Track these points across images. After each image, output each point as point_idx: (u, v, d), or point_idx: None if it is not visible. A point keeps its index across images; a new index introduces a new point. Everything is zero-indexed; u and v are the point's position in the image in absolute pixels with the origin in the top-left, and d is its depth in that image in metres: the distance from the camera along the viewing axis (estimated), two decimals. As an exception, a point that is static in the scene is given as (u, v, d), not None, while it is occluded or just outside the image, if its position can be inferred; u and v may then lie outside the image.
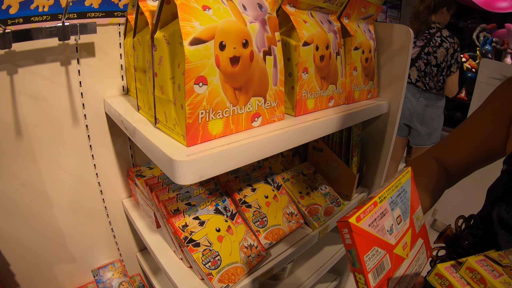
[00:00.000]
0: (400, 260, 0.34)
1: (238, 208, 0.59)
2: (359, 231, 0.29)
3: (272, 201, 0.62)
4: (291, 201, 0.65)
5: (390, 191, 0.35)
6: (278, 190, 0.64)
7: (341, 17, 0.60)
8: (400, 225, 0.35)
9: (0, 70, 0.53)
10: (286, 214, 0.63)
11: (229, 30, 0.37)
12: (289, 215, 0.63)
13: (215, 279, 0.49)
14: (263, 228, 0.59)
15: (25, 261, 0.66)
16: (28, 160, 0.60)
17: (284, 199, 0.64)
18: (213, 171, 0.36)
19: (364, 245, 0.30)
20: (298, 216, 0.64)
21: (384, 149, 0.75)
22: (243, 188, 0.60)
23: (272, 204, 0.62)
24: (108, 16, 0.61)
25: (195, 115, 0.36)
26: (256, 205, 0.60)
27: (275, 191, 0.64)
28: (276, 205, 0.62)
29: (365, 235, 0.30)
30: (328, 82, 0.55)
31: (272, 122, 0.46)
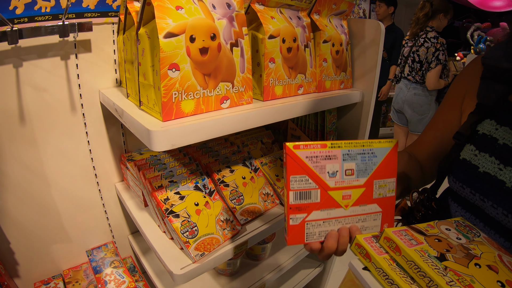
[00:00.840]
0: (333, 203, 0.40)
1: (217, 187, 0.68)
2: (293, 156, 0.36)
3: (249, 182, 0.71)
4: (267, 183, 0.74)
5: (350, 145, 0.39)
6: (255, 172, 0.74)
7: (311, 13, 0.69)
8: (348, 177, 0.40)
9: (6, 64, 0.64)
10: (262, 194, 0.72)
11: (198, 25, 0.47)
12: (265, 195, 0.72)
13: (191, 247, 0.58)
14: (240, 205, 0.68)
15: (24, 240, 0.75)
16: (30, 144, 0.70)
17: (260, 180, 0.73)
18: (183, 140, 0.45)
19: (294, 168, 0.37)
20: (274, 196, 0.73)
21: (360, 137, 0.84)
22: (222, 169, 0.70)
23: (249, 185, 0.71)
24: (103, 16, 0.72)
25: (169, 95, 0.46)
26: (234, 185, 0.69)
27: (252, 173, 0.73)
28: (252, 185, 0.71)
29: (298, 161, 0.37)
30: (297, 71, 0.64)
31: (240, 105, 0.55)
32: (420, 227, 0.39)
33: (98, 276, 0.79)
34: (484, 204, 0.42)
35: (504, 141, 0.41)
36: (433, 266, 0.32)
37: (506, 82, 0.43)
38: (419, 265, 0.32)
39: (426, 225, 0.40)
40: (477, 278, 0.32)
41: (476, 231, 0.41)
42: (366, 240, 0.38)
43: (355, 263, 0.37)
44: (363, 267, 0.36)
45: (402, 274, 0.33)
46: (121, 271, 0.81)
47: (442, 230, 0.39)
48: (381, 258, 0.35)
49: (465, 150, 0.45)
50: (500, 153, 0.41)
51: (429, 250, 0.35)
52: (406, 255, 0.34)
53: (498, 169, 0.40)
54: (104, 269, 0.81)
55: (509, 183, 0.39)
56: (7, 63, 0.64)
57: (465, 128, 0.46)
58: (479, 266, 0.34)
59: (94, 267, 0.82)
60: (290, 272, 1.00)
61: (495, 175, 0.40)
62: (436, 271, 0.32)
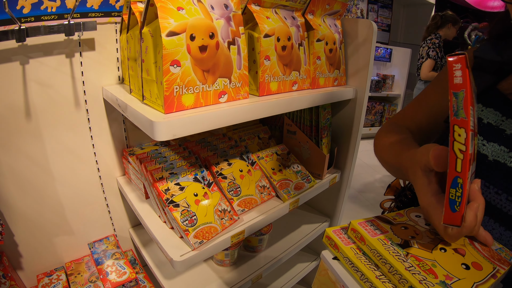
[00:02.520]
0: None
1: (215, 179, 0.73)
2: (470, 74, 0.25)
3: (246, 175, 0.76)
4: (264, 176, 0.79)
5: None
6: (252, 165, 0.78)
7: (305, 13, 0.74)
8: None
9: (14, 61, 0.68)
10: (259, 187, 0.76)
11: (198, 25, 0.52)
12: (261, 188, 0.77)
13: (191, 235, 0.63)
14: (237, 196, 0.72)
15: (28, 233, 0.79)
16: (35, 138, 0.74)
17: (257, 173, 0.78)
18: (184, 131, 0.50)
19: (471, 95, 0.25)
20: (270, 189, 0.78)
21: (354, 132, 0.89)
22: (220, 162, 0.74)
23: (246, 177, 0.75)
24: (106, 16, 0.77)
25: (171, 89, 0.50)
26: (231, 177, 0.73)
27: (249, 166, 0.78)
28: (249, 178, 0.76)
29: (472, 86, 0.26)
30: (291, 68, 0.69)
31: (237, 99, 0.60)
32: (388, 216, 0.42)
33: (99, 268, 0.84)
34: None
35: (488, 120, 0.45)
36: (394, 253, 0.35)
37: (494, 73, 0.47)
38: (380, 253, 0.35)
39: (395, 214, 0.43)
40: (439, 262, 0.34)
41: None
42: (335, 232, 0.41)
43: (326, 253, 0.41)
44: (333, 257, 0.40)
45: (367, 262, 0.36)
46: (122, 263, 0.86)
47: (412, 218, 0.43)
48: (348, 248, 0.38)
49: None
50: (484, 130, 0.45)
51: (392, 238, 0.37)
52: (370, 244, 0.36)
53: (481, 144, 0.44)
54: (105, 261, 0.86)
55: (491, 157, 0.43)
56: (14, 60, 0.69)
57: None
58: (444, 250, 0.36)
59: (96, 259, 0.87)
60: (287, 265, 1.04)
61: (478, 150, 0.44)
62: (397, 257, 0.34)
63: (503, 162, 0.41)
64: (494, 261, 0.36)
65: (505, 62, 0.46)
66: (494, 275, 0.34)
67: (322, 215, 1.06)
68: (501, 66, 0.47)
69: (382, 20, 3.15)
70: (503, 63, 0.46)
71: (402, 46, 3.40)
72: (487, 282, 0.33)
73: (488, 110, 0.46)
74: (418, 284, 0.31)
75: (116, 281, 0.79)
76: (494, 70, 0.47)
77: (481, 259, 0.36)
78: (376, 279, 0.34)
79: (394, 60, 3.39)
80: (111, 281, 0.78)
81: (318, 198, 1.07)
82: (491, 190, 0.42)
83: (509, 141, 0.42)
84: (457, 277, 0.33)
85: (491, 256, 0.37)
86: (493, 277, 0.34)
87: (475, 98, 0.32)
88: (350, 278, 0.37)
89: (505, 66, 0.46)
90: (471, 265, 0.35)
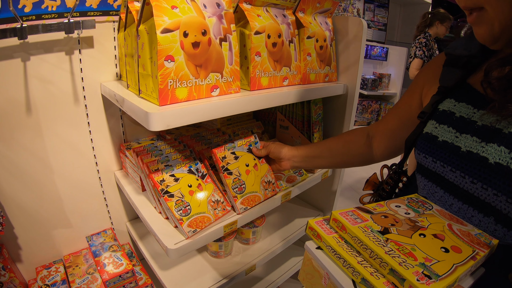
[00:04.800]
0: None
1: (209, 171, 0.76)
2: None
3: (252, 170, 0.77)
4: (270, 170, 0.79)
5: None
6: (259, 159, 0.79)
7: (296, 12, 0.78)
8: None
9: (15, 57, 0.72)
10: (264, 182, 0.78)
11: (191, 22, 0.56)
12: (266, 183, 0.78)
13: (185, 224, 0.66)
14: (241, 194, 0.73)
15: (27, 225, 0.83)
16: (35, 133, 0.78)
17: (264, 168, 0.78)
18: (177, 122, 0.54)
19: None
20: (275, 184, 0.80)
21: (345, 127, 0.92)
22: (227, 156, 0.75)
23: (252, 172, 0.76)
24: (105, 15, 0.81)
25: (165, 83, 0.54)
26: (237, 173, 0.75)
27: (256, 160, 0.78)
28: (255, 173, 0.77)
29: None
30: (282, 64, 0.73)
31: (229, 93, 0.64)
32: (369, 207, 0.44)
33: (97, 260, 0.87)
34: (444, 170, 0.48)
35: (460, 114, 0.48)
36: (374, 239, 0.36)
37: (464, 67, 0.50)
38: (361, 239, 0.36)
39: (376, 205, 0.45)
40: (419, 246, 0.36)
41: (428, 205, 0.47)
42: (318, 223, 0.42)
43: (310, 244, 0.42)
44: (317, 247, 0.41)
45: (349, 249, 0.38)
46: (119, 255, 0.89)
47: (391, 208, 0.45)
48: (330, 237, 0.40)
49: (427, 125, 0.53)
50: (457, 123, 0.47)
51: (372, 226, 0.39)
52: (351, 232, 0.38)
53: (454, 136, 0.47)
54: (103, 253, 0.89)
55: (464, 148, 0.45)
56: (16, 57, 0.73)
57: (428, 107, 0.54)
58: (424, 235, 0.38)
59: (94, 251, 0.90)
60: (281, 259, 1.08)
61: (452, 142, 0.47)
62: (377, 243, 0.36)
63: (475, 152, 0.43)
64: (474, 244, 0.38)
65: (472, 56, 0.49)
66: (474, 257, 0.35)
67: (316, 209, 1.10)
68: (469, 60, 0.50)
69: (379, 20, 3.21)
70: (471, 57, 0.49)
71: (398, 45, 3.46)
72: (466, 263, 0.34)
73: (460, 105, 0.48)
74: (398, 266, 0.32)
75: (113, 272, 0.82)
76: (462, 64, 0.50)
77: (460, 243, 0.37)
78: (358, 264, 0.36)
79: (390, 59, 3.45)
80: (108, 272, 0.82)
81: (311, 193, 1.11)
82: (467, 179, 0.44)
83: (481, 132, 0.44)
84: (437, 259, 0.34)
85: (471, 241, 0.38)
86: (472, 259, 0.35)
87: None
88: (333, 266, 0.38)
89: (473, 60, 0.49)
90: (451, 248, 0.36)
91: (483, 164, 0.42)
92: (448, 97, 0.51)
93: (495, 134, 0.42)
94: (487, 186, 0.41)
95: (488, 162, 0.41)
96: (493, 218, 0.42)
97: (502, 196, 0.40)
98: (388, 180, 0.61)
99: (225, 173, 0.72)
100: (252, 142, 0.78)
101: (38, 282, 0.84)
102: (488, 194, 0.42)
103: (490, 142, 0.42)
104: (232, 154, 0.75)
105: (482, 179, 0.42)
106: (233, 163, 0.74)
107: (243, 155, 0.77)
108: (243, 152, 0.77)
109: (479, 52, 0.49)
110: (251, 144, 0.78)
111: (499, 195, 0.40)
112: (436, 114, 0.52)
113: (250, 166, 0.77)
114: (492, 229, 0.43)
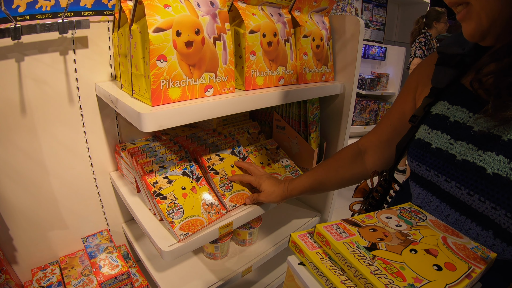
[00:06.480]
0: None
1: (207, 174, 0.75)
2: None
3: (237, 170, 0.78)
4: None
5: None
6: (244, 160, 0.81)
7: (292, 10, 0.77)
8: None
9: (10, 58, 0.71)
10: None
11: (184, 21, 0.55)
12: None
13: (176, 227, 0.65)
14: (229, 192, 0.74)
15: (22, 226, 0.82)
16: (30, 134, 0.78)
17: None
18: (170, 122, 0.53)
19: None
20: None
21: (342, 127, 0.92)
22: (212, 158, 0.77)
23: (237, 173, 0.78)
24: (99, 15, 0.80)
25: (158, 83, 0.54)
26: (223, 173, 0.76)
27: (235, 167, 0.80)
28: (240, 173, 0.78)
29: None
30: (277, 64, 0.72)
31: (223, 93, 0.63)
32: (357, 218, 0.42)
33: (92, 261, 0.87)
34: (439, 180, 0.44)
35: (455, 119, 0.44)
36: (360, 256, 0.34)
37: (457, 66, 0.47)
38: (345, 257, 0.34)
39: (365, 216, 0.43)
40: (409, 264, 0.33)
41: (422, 215, 0.44)
42: (301, 237, 0.40)
43: (292, 259, 0.39)
44: (299, 262, 0.38)
45: (333, 266, 0.35)
46: (114, 256, 0.88)
47: (381, 219, 0.42)
48: (313, 252, 0.37)
49: (419, 130, 0.50)
50: (451, 129, 0.44)
51: (359, 241, 0.36)
52: (334, 248, 0.35)
53: (449, 143, 0.43)
54: (98, 255, 0.89)
55: (459, 157, 0.41)
56: (10, 57, 0.72)
57: (419, 110, 0.50)
58: (415, 251, 0.35)
59: (89, 253, 0.89)
60: (278, 260, 1.07)
61: (446, 150, 0.43)
62: (362, 261, 0.33)
63: (472, 161, 0.40)
64: (470, 260, 0.35)
65: (466, 54, 0.46)
66: (469, 275, 0.33)
67: (313, 210, 1.09)
68: (463, 59, 0.46)
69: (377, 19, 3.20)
70: (464, 55, 0.46)
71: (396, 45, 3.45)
72: (460, 283, 0.31)
73: (454, 108, 0.45)
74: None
75: (108, 274, 0.81)
76: (455, 63, 0.47)
77: (455, 259, 0.34)
78: (342, 284, 0.33)
79: (388, 59, 3.44)
80: (103, 274, 0.81)
81: (309, 194, 1.10)
82: (463, 191, 0.41)
83: (478, 139, 0.40)
84: (428, 279, 0.31)
85: (466, 256, 0.35)
86: (467, 277, 0.32)
87: None
88: (316, 284, 0.36)
89: (466, 58, 0.46)
90: (444, 265, 0.33)
91: (480, 175, 0.39)
92: (441, 99, 0.48)
93: (493, 141, 0.39)
94: (485, 199, 0.38)
95: (486, 173, 0.38)
96: (492, 232, 0.39)
97: (501, 210, 0.36)
98: (378, 188, 0.58)
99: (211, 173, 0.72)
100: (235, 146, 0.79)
101: (34, 283, 0.84)
102: (486, 207, 0.38)
103: (488, 150, 0.39)
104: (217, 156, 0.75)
105: (479, 190, 0.39)
106: (218, 164, 0.75)
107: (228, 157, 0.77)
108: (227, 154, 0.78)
109: (472, 50, 0.46)
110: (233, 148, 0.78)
111: (498, 209, 0.37)
112: (428, 118, 0.49)
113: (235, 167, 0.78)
114: (490, 244, 0.40)
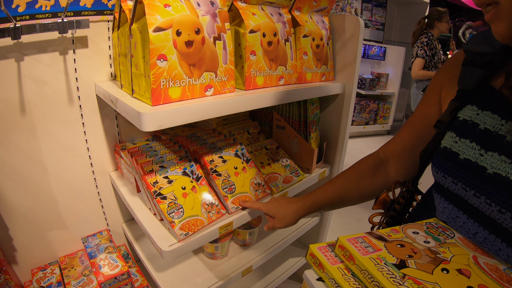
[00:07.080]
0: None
1: (210, 176, 0.75)
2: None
3: (241, 172, 0.77)
4: (258, 173, 0.80)
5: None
6: (247, 163, 0.80)
7: (292, 10, 0.77)
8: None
9: (9, 58, 0.71)
10: (254, 184, 0.78)
11: (184, 21, 0.55)
12: (256, 185, 0.78)
13: (176, 226, 0.65)
14: (231, 194, 0.74)
15: (22, 227, 0.82)
16: (30, 134, 0.77)
17: (252, 171, 0.79)
18: (170, 122, 0.53)
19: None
20: (265, 186, 0.80)
21: (342, 127, 0.92)
22: (215, 159, 0.76)
23: (240, 174, 0.77)
24: (99, 14, 0.80)
25: (158, 83, 0.53)
26: (226, 174, 0.76)
27: (244, 163, 0.79)
28: (244, 175, 0.78)
29: None
30: (277, 63, 0.72)
31: (223, 93, 0.63)
32: (382, 232, 0.38)
33: (92, 261, 0.86)
34: (467, 194, 0.40)
35: (485, 126, 0.40)
36: (389, 274, 0.30)
37: (486, 66, 0.42)
38: (372, 274, 0.31)
39: (390, 230, 0.39)
40: (442, 285, 0.30)
41: (450, 232, 0.40)
42: (320, 249, 0.37)
43: (309, 274, 0.36)
44: (317, 278, 0.36)
45: (357, 284, 0.32)
46: (114, 256, 0.88)
47: (408, 234, 0.38)
48: (334, 268, 0.34)
49: (445, 138, 0.45)
50: (481, 138, 0.39)
51: (387, 257, 0.33)
52: (360, 264, 0.32)
53: (479, 154, 0.39)
54: (98, 255, 0.88)
55: (490, 169, 0.37)
56: (10, 57, 0.72)
57: (445, 115, 0.46)
58: (447, 271, 0.32)
59: (89, 253, 0.89)
60: (279, 260, 1.07)
61: (476, 162, 0.39)
62: (392, 280, 0.30)
63: (505, 175, 0.36)
64: (503, 282, 0.32)
65: (496, 53, 0.41)
66: None
67: (313, 210, 1.09)
68: (492, 58, 0.42)
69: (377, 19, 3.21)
70: (494, 54, 0.42)
71: (396, 45, 3.46)
72: None
73: (484, 114, 0.40)
74: None
75: (108, 274, 0.81)
76: (484, 63, 0.42)
77: (488, 281, 0.31)
78: None
79: (388, 59, 3.45)
80: (103, 274, 0.81)
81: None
82: (494, 208, 0.37)
83: (511, 150, 0.36)
84: None
85: (500, 277, 0.32)
86: None
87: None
88: None
89: (497, 58, 0.41)
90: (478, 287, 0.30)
91: None
92: (469, 103, 0.43)
93: None
94: None
95: None
96: None
97: None
98: (399, 200, 0.54)
99: (213, 175, 0.71)
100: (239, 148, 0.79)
101: (34, 284, 0.83)
102: None
103: None
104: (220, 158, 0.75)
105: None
106: (221, 165, 0.74)
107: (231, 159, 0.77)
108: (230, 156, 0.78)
109: (502, 48, 0.41)
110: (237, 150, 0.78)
111: None
112: (455, 124, 0.44)
113: (238, 169, 0.77)
114: None
